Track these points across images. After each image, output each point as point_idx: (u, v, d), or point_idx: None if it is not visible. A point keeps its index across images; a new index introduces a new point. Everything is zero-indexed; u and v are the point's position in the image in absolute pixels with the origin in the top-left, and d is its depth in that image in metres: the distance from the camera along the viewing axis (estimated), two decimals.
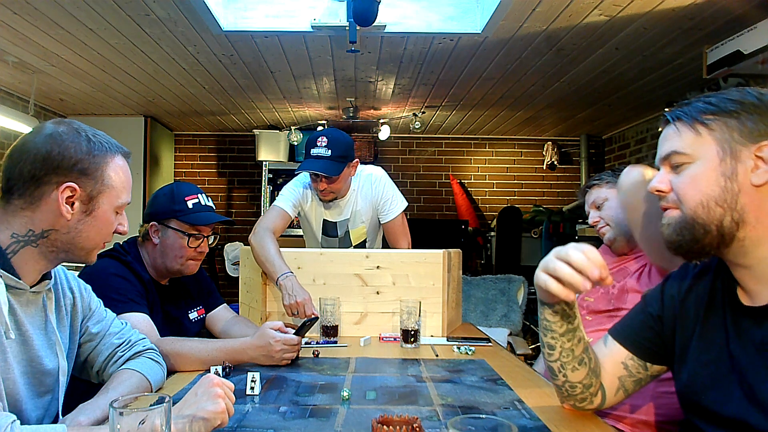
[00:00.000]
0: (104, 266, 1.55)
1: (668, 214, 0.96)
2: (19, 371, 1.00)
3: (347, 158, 2.27)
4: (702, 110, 0.93)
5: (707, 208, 0.90)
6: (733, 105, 0.91)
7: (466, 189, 5.94)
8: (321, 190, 2.29)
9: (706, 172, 0.91)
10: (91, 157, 1.04)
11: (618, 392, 1.12)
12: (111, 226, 1.09)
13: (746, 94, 0.92)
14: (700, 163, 0.92)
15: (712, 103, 0.93)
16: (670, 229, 0.95)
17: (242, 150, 5.91)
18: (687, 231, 0.92)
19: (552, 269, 0.95)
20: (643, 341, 1.10)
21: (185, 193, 1.70)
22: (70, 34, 3.04)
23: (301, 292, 1.92)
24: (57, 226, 1.03)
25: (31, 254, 1.02)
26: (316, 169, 2.20)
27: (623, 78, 3.81)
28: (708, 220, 0.90)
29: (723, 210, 0.89)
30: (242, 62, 3.57)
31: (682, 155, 0.94)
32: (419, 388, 1.35)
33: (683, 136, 0.94)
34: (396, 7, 3.00)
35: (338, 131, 2.35)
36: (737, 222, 0.89)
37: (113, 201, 1.08)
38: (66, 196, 1.01)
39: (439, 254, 2.04)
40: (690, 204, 0.92)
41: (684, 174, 0.94)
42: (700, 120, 0.93)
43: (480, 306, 3.92)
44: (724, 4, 2.59)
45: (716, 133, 0.91)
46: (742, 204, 0.89)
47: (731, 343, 0.94)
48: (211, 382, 1.00)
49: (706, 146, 0.92)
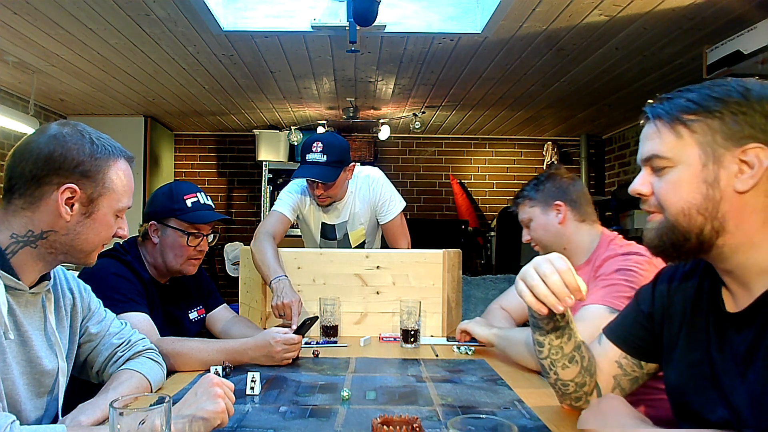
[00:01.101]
0: (104, 266, 1.55)
1: (651, 219, 0.94)
2: (18, 372, 1.01)
3: (343, 162, 2.25)
4: (683, 109, 0.88)
5: (688, 216, 0.87)
6: (716, 104, 0.86)
7: (466, 189, 5.94)
8: (318, 196, 2.26)
9: (688, 178, 0.87)
10: (93, 159, 1.04)
11: (614, 391, 1.11)
12: (110, 230, 1.09)
13: (730, 90, 0.87)
14: (681, 168, 0.88)
15: (694, 101, 0.88)
16: (652, 234, 0.92)
17: (242, 150, 5.91)
18: (668, 236, 0.90)
19: (530, 284, 0.96)
20: (636, 340, 1.10)
21: (184, 192, 1.70)
22: (70, 34, 3.04)
23: (289, 295, 1.88)
24: (56, 227, 1.02)
25: (30, 255, 1.02)
26: (312, 175, 2.19)
27: (623, 78, 3.81)
28: (688, 228, 0.88)
29: (704, 218, 0.86)
30: (242, 62, 3.58)
31: (663, 159, 0.89)
32: (419, 388, 1.35)
33: (663, 138, 0.90)
34: (396, 7, 3.00)
35: (333, 135, 2.33)
36: (717, 230, 0.86)
37: (113, 204, 1.08)
38: (66, 197, 1.01)
39: (438, 254, 2.04)
40: (671, 210, 0.89)
41: (665, 179, 0.90)
42: (681, 120, 0.88)
43: (480, 306, 3.92)
44: (724, 4, 2.59)
45: (698, 136, 0.87)
46: (723, 212, 0.85)
47: (712, 347, 0.93)
48: (210, 382, 1.00)
49: (688, 150, 0.87)
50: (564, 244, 1.69)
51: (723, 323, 0.92)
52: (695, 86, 0.90)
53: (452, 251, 2.18)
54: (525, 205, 1.76)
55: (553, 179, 1.73)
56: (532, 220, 1.74)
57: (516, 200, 1.81)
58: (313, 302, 2.00)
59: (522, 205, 1.77)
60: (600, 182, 5.88)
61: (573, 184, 1.72)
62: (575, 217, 1.68)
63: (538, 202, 1.73)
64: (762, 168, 0.83)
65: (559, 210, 1.68)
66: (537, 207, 1.73)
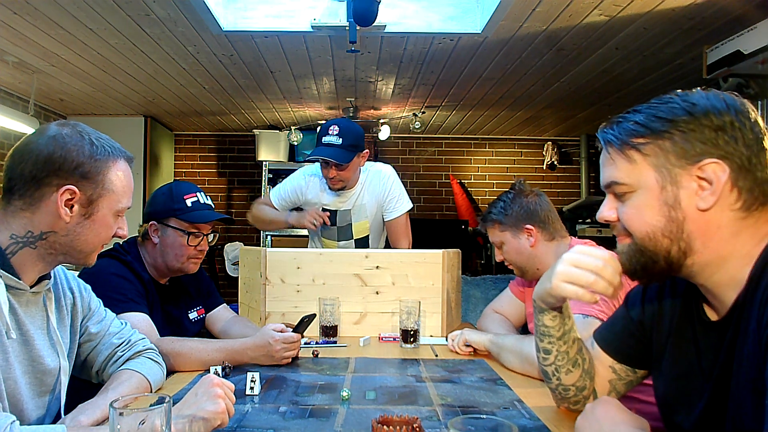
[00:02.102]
0: (104, 266, 1.55)
1: (621, 242, 0.93)
2: (20, 371, 1.01)
3: (358, 147, 2.34)
4: (631, 133, 0.87)
5: (654, 240, 0.86)
6: (662, 125, 0.84)
7: (466, 189, 5.94)
8: (330, 178, 2.34)
9: (649, 202, 0.86)
10: (93, 161, 1.04)
11: (610, 395, 1.11)
12: (110, 230, 1.09)
13: (675, 108, 0.85)
14: (641, 192, 0.87)
15: (641, 122, 0.86)
16: (624, 258, 0.92)
17: (242, 150, 5.91)
18: (637, 260, 0.89)
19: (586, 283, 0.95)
20: (626, 348, 1.08)
21: (184, 192, 1.70)
22: (70, 34, 3.04)
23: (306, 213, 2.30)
24: (56, 228, 1.02)
25: (29, 255, 1.02)
26: (327, 155, 2.27)
27: (623, 78, 3.81)
28: (655, 250, 0.86)
29: (669, 240, 0.85)
30: (242, 62, 3.58)
31: (622, 185, 0.88)
32: (419, 388, 1.35)
33: (618, 165, 0.89)
34: (396, 7, 3.00)
35: (350, 121, 2.42)
36: (684, 251, 0.85)
37: (113, 205, 1.08)
38: (65, 198, 1.01)
39: (438, 254, 2.04)
40: (638, 235, 0.88)
41: (628, 204, 0.89)
42: (632, 144, 0.87)
43: (480, 306, 3.92)
44: (724, 4, 2.59)
45: (651, 158, 0.85)
46: (688, 232, 0.84)
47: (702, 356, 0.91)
48: (211, 383, 1.00)
49: (644, 174, 0.86)
50: (537, 265, 1.75)
51: (706, 331, 0.91)
52: (642, 106, 0.89)
53: (452, 251, 2.18)
54: (495, 228, 1.81)
55: (519, 200, 1.77)
56: (504, 243, 1.79)
57: (485, 222, 1.85)
58: (312, 302, 2.00)
59: (492, 228, 1.82)
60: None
61: (539, 203, 1.76)
62: (545, 238, 1.74)
63: (508, 227, 1.78)
64: (720, 183, 0.81)
65: (530, 234, 1.74)
66: (507, 232, 1.78)
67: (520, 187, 1.81)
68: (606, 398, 1.00)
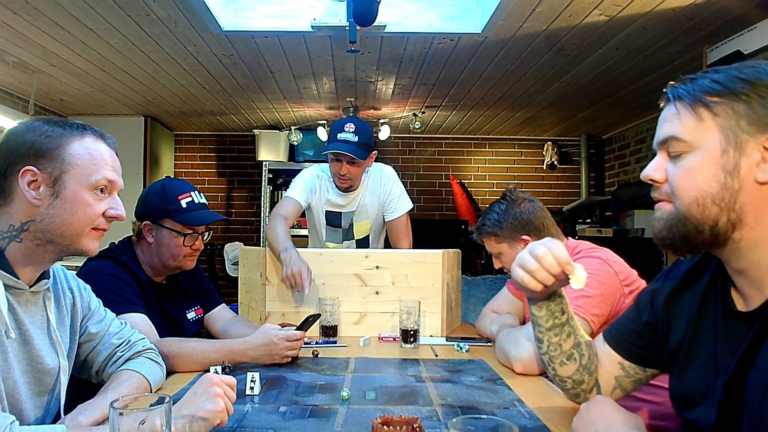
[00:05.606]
0: (100, 267, 1.54)
1: (660, 207, 0.87)
2: (19, 371, 1.01)
3: (370, 147, 2.36)
4: (707, 90, 0.81)
5: (702, 206, 0.80)
6: (743, 85, 0.79)
7: (466, 189, 5.94)
8: (342, 175, 2.34)
9: (706, 165, 0.80)
10: (45, 137, 1.02)
11: (614, 391, 1.11)
12: (88, 208, 1.04)
13: (761, 72, 0.79)
14: (699, 153, 0.81)
15: (720, 81, 0.81)
16: (660, 224, 0.86)
17: (242, 150, 5.91)
18: (678, 228, 0.83)
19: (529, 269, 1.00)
20: (636, 349, 1.07)
21: (178, 192, 1.68)
22: (70, 34, 3.04)
23: (297, 263, 1.89)
24: (33, 215, 1.01)
25: (18, 250, 1.01)
26: (345, 150, 2.27)
27: (623, 78, 3.81)
28: (702, 219, 0.81)
29: (719, 209, 0.79)
30: (242, 62, 3.57)
31: (681, 142, 0.83)
32: (419, 388, 1.35)
33: (683, 120, 0.83)
34: (396, 7, 3.00)
35: (362, 121, 2.42)
36: (734, 223, 0.79)
37: (82, 180, 1.04)
38: (27, 180, 1.00)
39: (438, 254, 2.04)
40: (684, 200, 0.82)
41: (681, 165, 0.83)
42: (704, 102, 0.81)
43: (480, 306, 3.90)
44: (724, 4, 2.59)
45: (721, 119, 0.80)
46: (741, 203, 0.78)
47: (718, 348, 0.87)
48: (210, 381, 1.00)
49: (708, 134, 0.80)
50: None
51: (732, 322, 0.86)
52: (723, 67, 0.84)
53: (452, 251, 2.18)
54: (491, 240, 1.81)
55: (512, 211, 1.75)
56: (502, 254, 1.80)
57: (480, 234, 1.84)
58: (312, 302, 2.00)
59: (488, 240, 1.82)
60: (600, 182, 5.88)
61: (532, 211, 1.75)
62: None
63: (504, 238, 1.77)
64: None
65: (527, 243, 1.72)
66: (504, 243, 1.78)
67: (511, 197, 1.79)
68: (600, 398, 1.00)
